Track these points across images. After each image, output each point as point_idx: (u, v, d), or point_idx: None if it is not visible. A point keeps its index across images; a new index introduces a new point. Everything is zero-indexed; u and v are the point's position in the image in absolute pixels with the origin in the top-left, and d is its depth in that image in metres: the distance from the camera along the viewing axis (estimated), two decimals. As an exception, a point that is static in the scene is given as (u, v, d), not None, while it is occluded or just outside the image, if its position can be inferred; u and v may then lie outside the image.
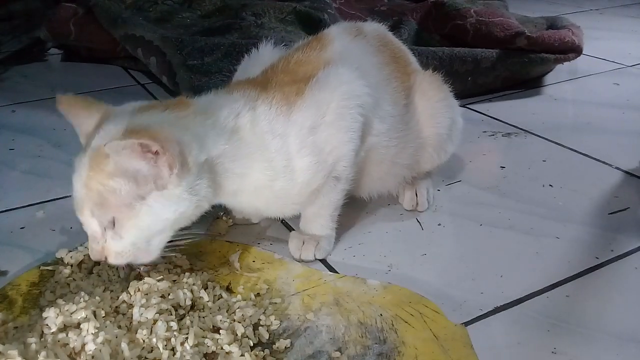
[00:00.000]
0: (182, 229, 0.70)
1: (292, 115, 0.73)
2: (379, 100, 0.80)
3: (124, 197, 0.64)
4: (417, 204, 0.90)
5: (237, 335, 0.63)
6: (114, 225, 0.65)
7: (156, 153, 0.63)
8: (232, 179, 0.72)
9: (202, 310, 0.67)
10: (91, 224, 0.66)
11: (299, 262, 0.78)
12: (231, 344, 0.61)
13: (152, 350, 0.60)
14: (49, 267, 0.75)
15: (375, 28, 0.89)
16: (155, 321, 0.62)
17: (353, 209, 0.91)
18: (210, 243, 0.82)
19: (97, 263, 0.75)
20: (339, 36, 0.83)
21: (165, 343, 0.60)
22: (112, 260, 0.66)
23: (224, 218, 0.87)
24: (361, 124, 0.77)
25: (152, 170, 0.64)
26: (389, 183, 0.89)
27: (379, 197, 0.90)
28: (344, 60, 0.78)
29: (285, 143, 0.73)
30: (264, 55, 0.86)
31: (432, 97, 0.89)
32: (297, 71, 0.77)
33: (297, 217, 0.89)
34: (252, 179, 0.73)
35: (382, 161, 0.84)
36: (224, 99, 0.74)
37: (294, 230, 0.84)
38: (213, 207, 0.87)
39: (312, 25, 1.49)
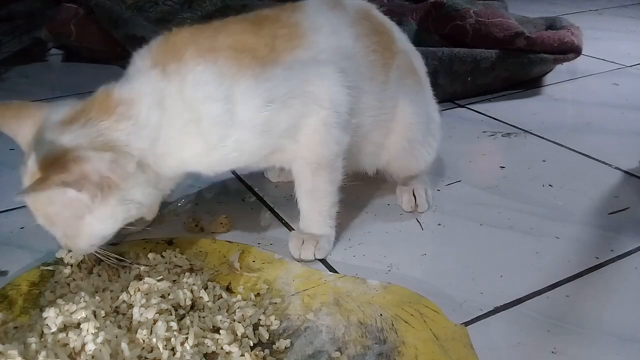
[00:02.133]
0: None
1: (242, 81, 0.69)
2: (356, 80, 0.77)
3: (66, 218, 0.66)
4: (415, 205, 0.90)
5: (237, 335, 0.63)
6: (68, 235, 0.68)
7: None
8: (168, 162, 0.71)
9: (202, 310, 0.67)
10: (49, 230, 0.68)
11: (299, 262, 0.78)
12: (231, 344, 0.61)
13: (152, 350, 0.60)
14: (49, 267, 0.75)
15: (358, 3, 0.85)
16: (155, 321, 0.62)
17: (353, 209, 0.91)
18: (211, 243, 0.82)
19: (97, 263, 0.75)
20: (314, 4, 0.80)
21: (165, 343, 0.60)
22: (77, 254, 0.72)
23: (224, 218, 0.87)
24: (343, 125, 0.75)
25: (78, 199, 0.64)
26: (360, 162, 0.87)
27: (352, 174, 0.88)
28: (317, 27, 0.75)
29: (227, 110, 0.69)
30: None
31: (409, 84, 0.87)
32: (261, 27, 0.73)
33: (298, 218, 0.89)
34: (188, 154, 0.71)
35: (354, 138, 0.81)
36: (146, 79, 0.69)
37: (294, 230, 0.84)
38: (213, 207, 0.87)
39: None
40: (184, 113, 0.69)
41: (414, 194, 0.90)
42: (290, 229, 0.86)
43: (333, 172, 0.78)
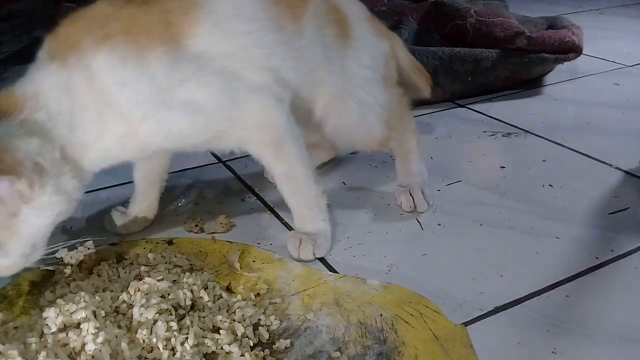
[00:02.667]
0: None
1: (148, 62, 0.68)
2: (264, 36, 0.75)
3: None
4: (414, 205, 0.89)
5: (237, 335, 0.63)
6: None
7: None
8: (90, 154, 0.70)
9: (202, 310, 0.67)
10: None
11: (299, 262, 0.78)
12: (231, 344, 0.61)
13: (152, 350, 0.60)
14: (49, 267, 0.75)
15: None
16: (155, 321, 0.62)
17: (353, 209, 0.91)
18: (211, 243, 0.82)
19: (98, 263, 0.75)
20: None
21: (165, 343, 0.60)
22: (4, 273, 0.66)
23: (224, 218, 0.87)
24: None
25: (13, 192, 0.62)
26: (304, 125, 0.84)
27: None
28: None
29: (139, 91, 0.68)
30: None
31: (328, 35, 0.83)
32: (149, 5, 0.71)
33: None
34: (110, 140, 0.70)
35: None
36: (46, 73, 0.68)
37: (294, 230, 0.84)
38: (213, 207, 0.87)
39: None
40: (96, 100, 0.68)
41: (411, 194, 0.89)
42: (290, 229, 0.86)
43: (294, 144, 0.77)
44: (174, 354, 0.60)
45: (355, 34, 0.87)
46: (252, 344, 0.63)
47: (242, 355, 0.60)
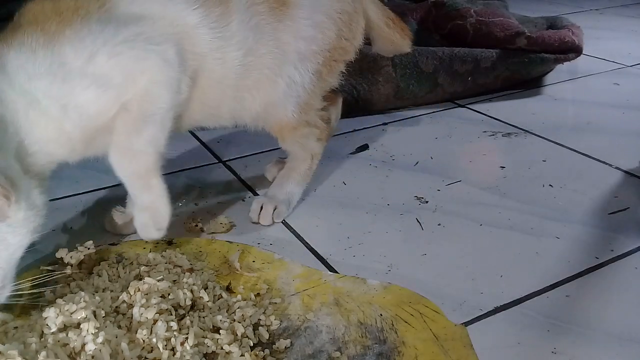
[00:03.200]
0: None
1: (57, 46, 0.65)
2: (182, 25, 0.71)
3: None
4: (258, 218, 0.87)
5: (237, 335, 0.63)
6: None
7: None
8: (35, 154, 0.66)
9: (202, 310, 0.67)
10: None
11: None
12: (231, 343, 0.61)
13: (152, 350, 0.60)
14: (49, 267, 0.75)
15: None
16: (155, 321, 0.62)
17: (353, 209, 0.91)
18: (210, 243, 0.82)
19: (98, 263, 0.75)
20: None
21: (165, 343, 0.60)
22: None
23: (224, 218, 0.87)
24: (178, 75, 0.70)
25: None
26: (224, 112, 0.81)
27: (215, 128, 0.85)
28: None
29: (52, 80, 0.65)
30: None
31: (261, 11, 0.77)
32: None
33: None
34: (45, 138, 0.66)
35: (208, 85, 0.75)
36: None
37: (293, 229, 0.84)
38: (213, 207, 0.87)
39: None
40: (20, 100, 0.65)
41: (262, 207, 0.87)
42: (290, 228, 0.86)
43: (159, 128, 0.72)
44: (174, 354, 0.60)
45: (294, 1, 0.80)
46: (252, 344, 0.63)
47: (242, 355, 0.60)
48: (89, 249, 0.75)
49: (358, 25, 0.87)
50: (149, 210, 0.75)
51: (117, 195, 0.94)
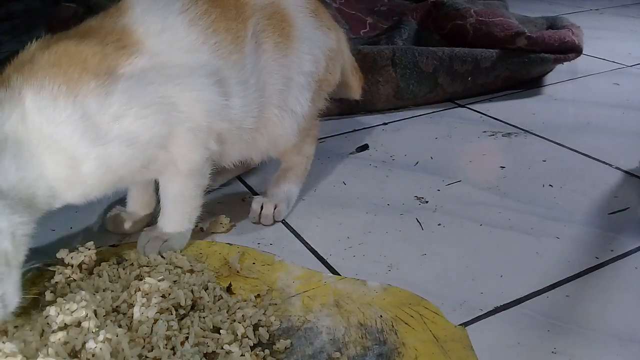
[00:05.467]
0: None
1: (80, 98, 0.64)
2: (203, 73, 0.73)
3: None
4: (259, 218, 0.87)
5: (237, 335, 0.63)
6: None
7: None
8: (38, 188, 0.65)
9: (202, 310, 0.67)
10: None
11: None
12: (231, 343, 0.61)
13: (152, 350, 0.60)
14: (49, 267, 0.75)
15: None
16: (155, 320, 0.62)
17: (353, 209, 0.91)
18: (211, 245, 0.82)
19: (98, 264, 0.75)
20: (138, 1, 0.74)
21: (165, 342, 0.60)
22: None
23: (224, 218, 0.87)
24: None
25: None
26: (234, 154, 0.84)
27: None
28: (146, 29, 0.70)
29: (73, 130, 0.64)
30: None
31: (268, 48, 0.80)
32: (85, 38, 0.68)
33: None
34: (53, 176, 0.66)
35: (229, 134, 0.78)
36: None
37: (293, 229, 0.84)
38: (213, 207, 0.87)
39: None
40: (33, 139, 0.64)
41: (262, 207, 0.87)
42: (290, 228, 0.86)
43: (201, 178, 0.77)
44: (174, 354, 0.60)
45: (297, 33, 0.83)
46: (252, 344, 0.63)
47: (242, 355, 0.60)
48: (89, 249, 0.75)
49: (338, 62, 0.93)
50: (166, 236, 0.78)
51: (118, 196, 0.95)
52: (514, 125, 1.21)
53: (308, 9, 0.86)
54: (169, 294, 0.67)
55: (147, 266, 0.74)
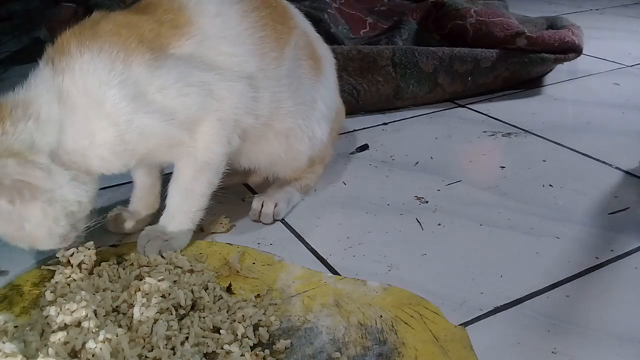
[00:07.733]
0: None
1: (134, 66, 0.69)
2: (246, 62, 0.77)
3: (11, 232, 0.69)
4: (259, 216, 0.87)
5: (237, 335, 0.63)
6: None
7: None
8: (88, 156, 0.70)
9: (202, 310, 0.67)
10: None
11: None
12: (231, 343, 0.61)
13: (152, 350, 0.60)
14: (49, 267, 0.75)
15: None
16: (155, 320, 0.62)
17: (353, 209, 0.91)
18: (211, 245, 0.82)
19: (98, 264, 0.75)
20: None
21: (165, 342, 0.60)
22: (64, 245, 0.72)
23: (223, 218, 0.87)
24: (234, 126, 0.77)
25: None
26: (261, 155, 0.87)
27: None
28: (201, 11, 0.75)
29: (124, 95, 0.69)
30: None
31: (303, 67, 0.86)
32: (144, 13, 0.73)
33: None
34: (99, 146, 0.70)
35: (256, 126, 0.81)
36: (40, 78, 0.70)
37: (293, 229, 0.84)
38: (213, 207, 0.87)
39: (312, 25, 1.49)
40: (84, 104, 0.69)
41: (263, 205, 0.88)
42: (290, 228, 0.86)
43: (214, 175, 0.79)
44: (174, 353, 0.60)
45: (324, 72, 0.91)
46: (252, 344, 0.63)
47: (242, 355, 0.60)
48: (89, 249, 0.75)
49: (335, 127, 0.99)
50: (167, 236, 0.79)
51: (118, 195, 0.95)
52: (514, 125, 1.21)
53: (333, 65, 0.96)
54: (169, 294, 0.67)
55: (147, 266, 0.74)
